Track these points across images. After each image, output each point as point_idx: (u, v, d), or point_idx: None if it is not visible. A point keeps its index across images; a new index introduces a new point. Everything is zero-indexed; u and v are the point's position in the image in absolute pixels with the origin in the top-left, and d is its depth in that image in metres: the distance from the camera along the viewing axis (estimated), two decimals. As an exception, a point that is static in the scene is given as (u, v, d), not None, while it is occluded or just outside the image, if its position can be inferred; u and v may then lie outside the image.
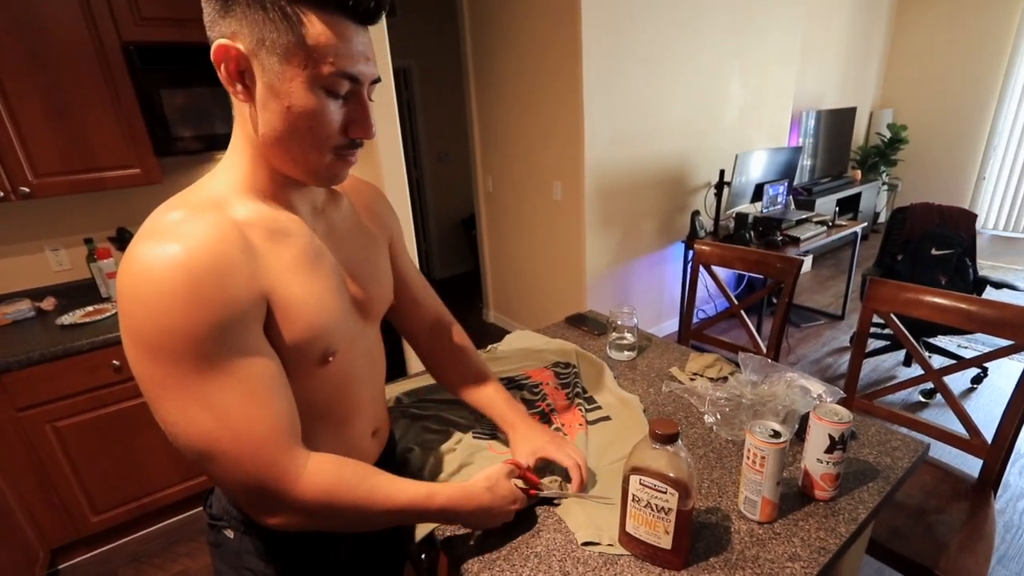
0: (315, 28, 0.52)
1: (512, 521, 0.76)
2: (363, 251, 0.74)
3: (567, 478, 0.83)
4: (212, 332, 0.51)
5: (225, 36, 0.53)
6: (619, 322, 1.27)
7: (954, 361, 1.28)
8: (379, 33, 1.91)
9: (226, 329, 0.52)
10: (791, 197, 3.46)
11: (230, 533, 0.70)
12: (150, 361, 0.51)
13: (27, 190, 1.60)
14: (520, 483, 0.78)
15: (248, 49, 0.53)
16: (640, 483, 0.67)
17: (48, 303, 1.85)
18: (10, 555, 1.49)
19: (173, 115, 1.75)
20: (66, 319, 1.72)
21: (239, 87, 0.55)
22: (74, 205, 1.93)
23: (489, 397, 0.91)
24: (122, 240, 1.94)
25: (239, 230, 0.56)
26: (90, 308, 1.82)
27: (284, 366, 0.59)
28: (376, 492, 0.62)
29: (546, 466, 0.85)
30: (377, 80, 0.60)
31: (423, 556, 0.82)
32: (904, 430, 1.18)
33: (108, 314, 1.76)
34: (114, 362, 1.63)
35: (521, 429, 0.87)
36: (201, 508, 1.94)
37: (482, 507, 0.71)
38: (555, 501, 0.82)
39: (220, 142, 1.85)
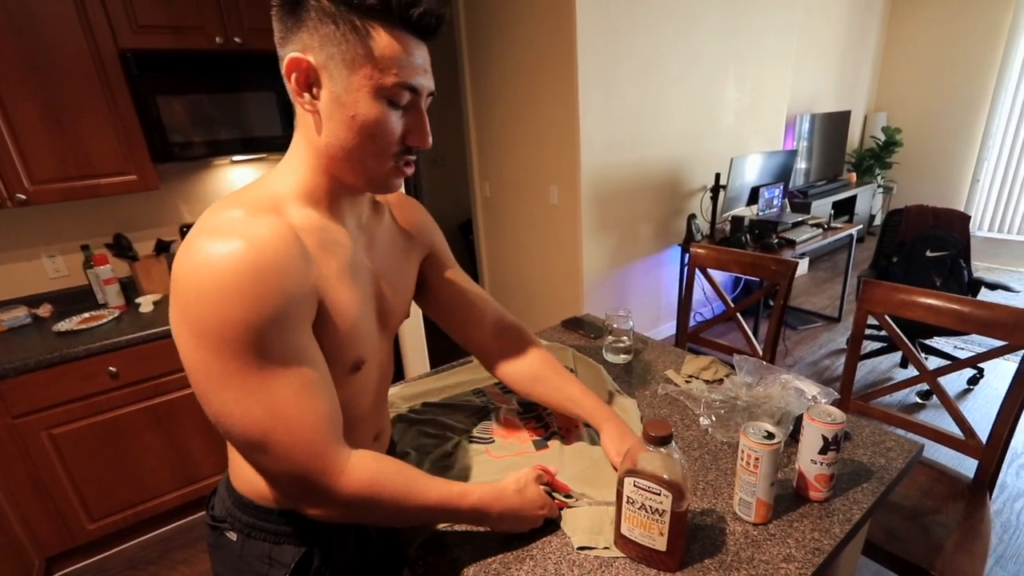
0: (382, 41, 0.56)
1: (539, 528, 0.76)
2: (396, 265, 0.77)
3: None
4: (273, 325, 0.53)
5: (296, 50, 0.56)
6: (615, 325, 1.28)
7: (949, 362, 1.29)
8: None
9: (284, 323, 0.55)
10: (786, 200, 3.47)
11: (232, 536, 0.70)
12: (209, 351, 0.52)
13: (23, 197, 1.60)
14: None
15: (318, 62, 0.56)
16: (634, 485, 0.67)
17: (44, 310, 1.85)
18: (5, 564, 1.48)
19: (170, 121, 1.76)
20: (62, 326, 1.72)
21: (307, 97, 0.58)
22: (71, 212, 1.93)
23: (573, 395, 0.90)
24: (119, 246, 1.94)
25: (295, 234, 0.58)
26: (86, 315, 1.82)
27: None
28: (412, 488, 0.65)
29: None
30: (433, 93, 0.63)
31: (420, 561, 0.82)
32: (899, 431, 1.19)
33: (104, 321, 1.76)
34: (110, 368, 1.63)
35: (609, 429, 0.87)
36: (197, 515, 1.95)
37: (511, 509, 0.72)
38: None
39: (217, 148, 1.86)
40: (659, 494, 0.65)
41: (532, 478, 0.77)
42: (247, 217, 0.55)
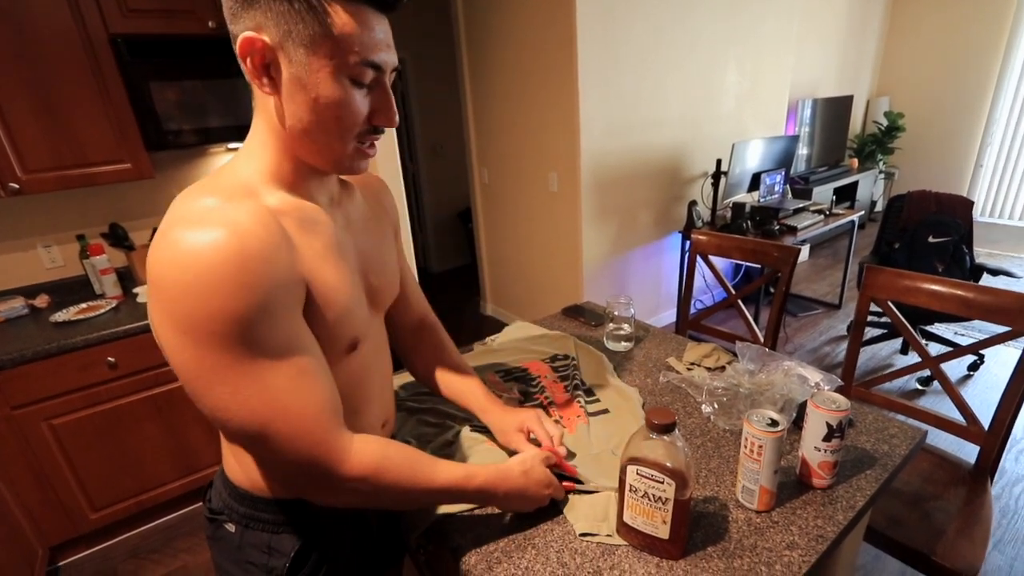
0: (340, 18, 0.52)
1: (546, 507, 0.77)
2: (375, 242, 0.75)
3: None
4: (262, 314, 0.52)
5: (250, 29, 0.53)
6: (616, 313, 1.27)
7: (951, 348, 1.28)
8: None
9: (274, 311, 0.53)
10: (788, 186, 3.45)
11: (231, 527, 0.70)
12: (199, 347, 0.51)
13: (16, 186, 1.58)
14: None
15: (274, 41, 0.53)
16: (637, 473, 0.67)
17: (41, 300, 1.84)
18: (9, 554, 1.49)
19: (163, 109, 1.73)
20: (60, 316, 1.71)
21: (265, 80, 0.55)
22: (66, 201, 1.91)
23: (470, 389, 0.91)
24: (115, 236, 1.92)
25: (275, 218, 0.56)
26: (84, 305, 1.81)
27: None
28: (418, 472, 0.65)
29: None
30: (397, 68, 0.61)
31: (422, 549, 0.82)
32: (901, 417, 1.19)
33: (102, 311, 1.75)
34: (109, 359, 1.62)
35: (498, 412, 0.88)
36: (199, 503, 1.95)
37: (517, 489, 0.73)
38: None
39: (213, 135, 1.83)
40: (662, 482, 0.65)
41: (539, 459, 0.77)
42: (224, 204, 0.53)
